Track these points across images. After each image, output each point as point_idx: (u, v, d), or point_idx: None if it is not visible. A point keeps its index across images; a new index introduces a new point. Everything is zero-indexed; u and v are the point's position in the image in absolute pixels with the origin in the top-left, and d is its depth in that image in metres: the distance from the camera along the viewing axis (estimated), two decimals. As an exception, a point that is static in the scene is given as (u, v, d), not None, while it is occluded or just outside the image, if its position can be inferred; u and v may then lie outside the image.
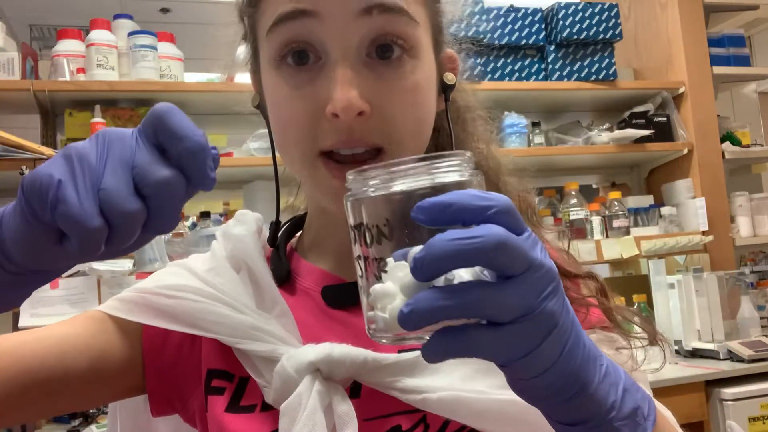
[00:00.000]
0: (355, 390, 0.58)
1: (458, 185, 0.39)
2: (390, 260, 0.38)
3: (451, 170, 0.39)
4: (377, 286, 0.38)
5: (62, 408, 0.62)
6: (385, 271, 0.38)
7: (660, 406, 0.55)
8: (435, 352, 0.37)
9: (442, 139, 0.68)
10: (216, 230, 0.72)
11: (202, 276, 0.63)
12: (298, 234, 0.72)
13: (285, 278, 0.66)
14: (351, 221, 0.41)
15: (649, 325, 0.64)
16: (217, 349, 0.62)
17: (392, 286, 0.38)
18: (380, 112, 0.55)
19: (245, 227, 0.67)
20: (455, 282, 0.37)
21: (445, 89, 0.64)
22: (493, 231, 0.35)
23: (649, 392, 0.56)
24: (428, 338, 0.37)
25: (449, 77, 0.64)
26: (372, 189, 0.39)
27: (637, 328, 0.64)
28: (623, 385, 0.42)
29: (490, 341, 0.36)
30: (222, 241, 0.68)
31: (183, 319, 0.60)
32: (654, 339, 0.63)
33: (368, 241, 0.39)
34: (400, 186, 0.39)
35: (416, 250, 0.36)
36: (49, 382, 0.59)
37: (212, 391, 0.61)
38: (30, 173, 0.39)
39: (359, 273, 0.41)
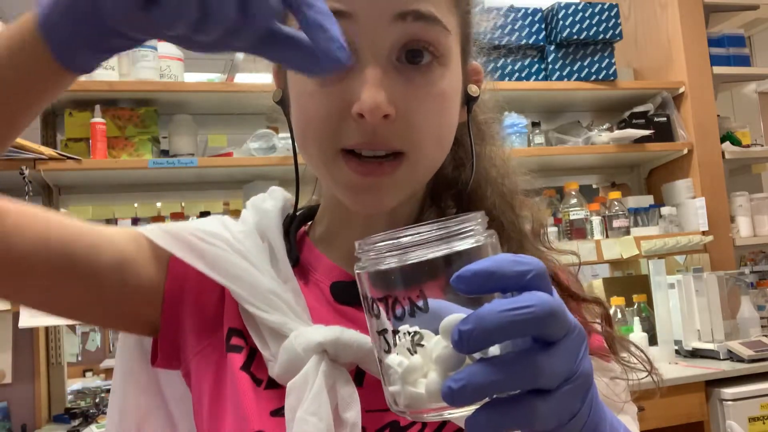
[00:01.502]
0: (358, 379, 0.59)
1: (481, 249, 0.38)
2: (426, 332, 0.37)
3: (470, 234, 0.38)
4: (409, 358, 0.37)
5: (84, 300, 0.61)
6: (422, 345, 0.37)
7: None
8: (487, 426, 0.36)
9: (461, 152, 0.67)
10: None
11: (234, 233, 0.64)
12: (310, 223, 0.73)
13: (294, 263, 0.66)
14: (371, 294, 0.39)
15: (647, 358, 0.64)
16: (235, 310, 0.63)
17: (428, 360, 0.36)
18: (405, 116, 0.55)
19: (273, 202, 0.69)
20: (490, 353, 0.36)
21: (468, 101, 0.65)
22: (542, 300, 0.35)
23: (636, 428, 0.58)
24: (474, 411, 0.36)
25: (473, 89, 0.65)
26: (392, 260, 0.38)
27: (633, 360, 0.64)
28: (613, 421, 0.44)
29: (543, 410, 0.36)
30: (251, 211, 0.69)
31: (209, 262, 0.61)
32: (650, 372, 0.64)
33: (399, 314, 0.37)
34: (426, 254, 0.37)
35: (452, 320, 0.35)
36: (77, 261, 0.59)
37: (232, 349, 0.62)
38: None
39: (384, 348, 0.38)
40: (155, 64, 2.34)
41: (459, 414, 0.36)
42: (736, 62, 3.12)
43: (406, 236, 0.37)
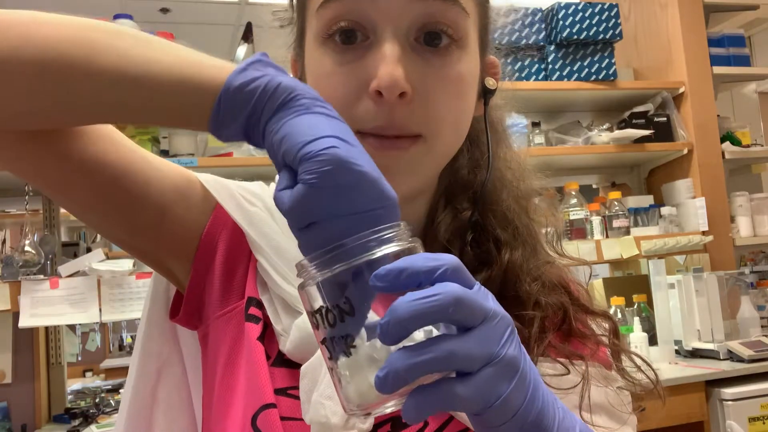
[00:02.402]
0: None
1: (404, 253, 0.40)
2: (362, 334, 0.40)
3: (390, 241, 0.41)
4: (347, 360, 0.40)
5: (116, 220, 0.62)
6: (354, 346, 0.40)
7: None
8: (416, 411, 0.38)
9: (478, 153, 0.67)
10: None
11: (270, 199, 0.64)
12: None
13: None
14: (309, 308, 0.42)
15: (652, 372, 0.64)
16: (256, 281, 0.63)
17: (363, 358, 0.39)
18: (423, 98, 0.55)
19: None
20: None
21: (485, 93, 0.64)
22: (448, 288, 0.37)
23: None
24: (406, 399, 0.38)
25: (491, 82, 0.64)
26: (323, 272, 0.40)
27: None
28: (579, 429, 0.45)
29: (464, 391, 0.38)
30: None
31: (248, 219, 0.62)
32: (656, 386, 0.64)
33: (331, 321, 0.40)
34: (351, 263, 0.40)
35: (376, 318, 0.38)
36: (125, 192, 0.59)
37: (250, 318, 0.61)
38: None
39: (327, 355, 0.41)
40: (155, 64, 2.34)
41: (396, 406, 0.39)
42: (736, 62, 3.12)
43: (328, 252, 0.40)
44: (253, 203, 0.64)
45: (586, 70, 2.85)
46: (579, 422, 0.45)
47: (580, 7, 2.81)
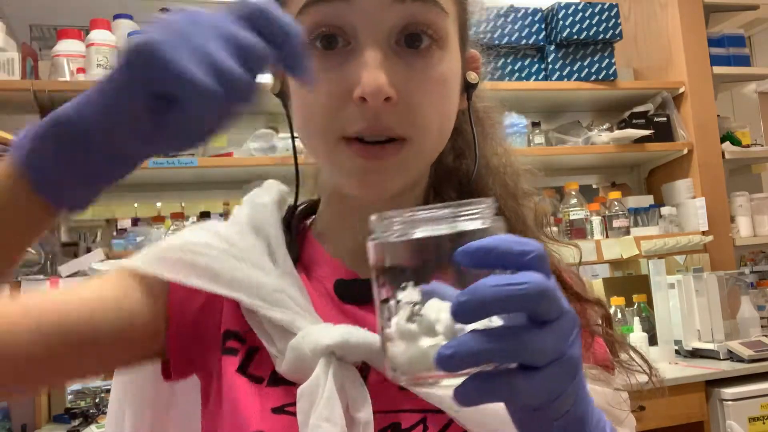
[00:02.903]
0: (362, 377, 0.58)
1: (487, 231, 0.40)
2: (428, 303, 0.39)
3: (478, 216, 0.40)
4: (406, 326, 0.39)
5: (87, 370, 0.61)
6: (420, 315, 0.38)
7: None
8: (474, 396, 0.37)
9: (461, 141, 0.68)
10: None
11: (225, 236, 0.63)
12: (313, 218, 0.72)
13: (295, 259, 0.65)
14: (378, 263, 0.41)
15: (646, 362, 0.65)
16: (234, 312, 0.62)
17: (424, 328, 0.38)
18: (407, 100, 0.55)
19: (269, 196, 0.68)
20: (491, 326, 0.37)
21: (467, 88, 0.65)
22: (535, 279, 0.37)
23: None
24: (462, 381, 0.37)
25: (472, 76, 0.65)
26: (403, 234, 0.40)
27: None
28: (609, 427, 0.46)
29: (529, 386, 0.37)
30: (245, 207, 0.68)
31: (206, 275, 0.60)
32: (650, 375, 0.64)
33: (402, 285, 0.39)
34: (435, 231, 0.39)
35: (451, 292, 0.37)
36: (77, 342, 0.57)
37: (227, 352, 0.61)
38: (129, 40, 0.39)
39: (385, 315, 0.40)
40: (155, 64, 2.34)
41: (452, 383, 0.38)
42: (736, 62, 3.12)
43: (418, 214, 0.40)
44: (207, 253, 0.61)
45: (586, 70, 2.85)
46: (607, 425, 0.46)
47: (580, 7, 2.81)
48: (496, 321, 0.38)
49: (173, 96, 0.39)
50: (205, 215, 2.48)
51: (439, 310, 0.38)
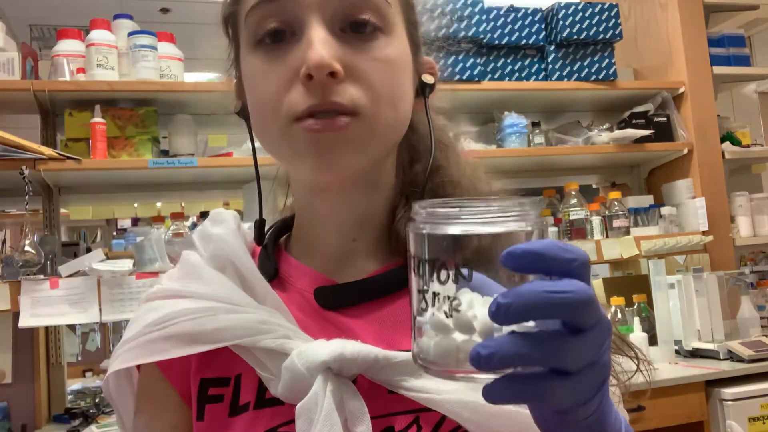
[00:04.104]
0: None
1: (532, 234, 0.39)
2: (466, 299, 0.39)
3: (523, 217, 0.40)
4: (442, 319, 0.39)
5: None
6: (458, 311, 0.38)
7: None
8: (502, 396, 0.37)
9: (416, 140, 0.68)
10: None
11: (192, 291, 0.61)
12: (286, 235, 0.72)
13: (273, 276, 0.65)
14: (420, 253, 0.40)
15: (635, 353, 0.64)
16: (207, 356, 0.61)
17: (460, 324, 0.38)
18: (353, 76, 0.56)
19: (224, 226, 0.66)
20: (528, 329, 0.38)
21: (423, 89, 0.65)
22: (580, 288, 0.37)
23: None
24: (493, 380, 0.37)
25: (428, 78, 0.65)
26: (447, 226, 0.39)
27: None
28: (625, 427, 0.46)
29: (560, 389, 0.38)
30: (201, 244, 0.66)
31: (185, 341, 0.58)
32: (638, 367, 0.64)
33: (443, 279, 0.39)
34: (480, 228, 0.39)
35: (492, 292, 0.37)
36: None
37: (210, 400, 0.60)
38: None
39: (421, 305, 0.40)
40: (155, 64, 2.34)
41: (483, 379, 0.38)
42: (736, 62, 3.12)
43: (464, 206, 0.39)
44: (176, 321, 0.59)
45: (586, 70, 2.85)
46: (622, 419, 0.47)
47: (580, 7, 2.81)
48: (530, 323, 0.38)
49: None
50: (204, 215, 2.48)
51: (474, 305, 0.38)
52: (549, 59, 2.84)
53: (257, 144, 0.69)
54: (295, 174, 0.67)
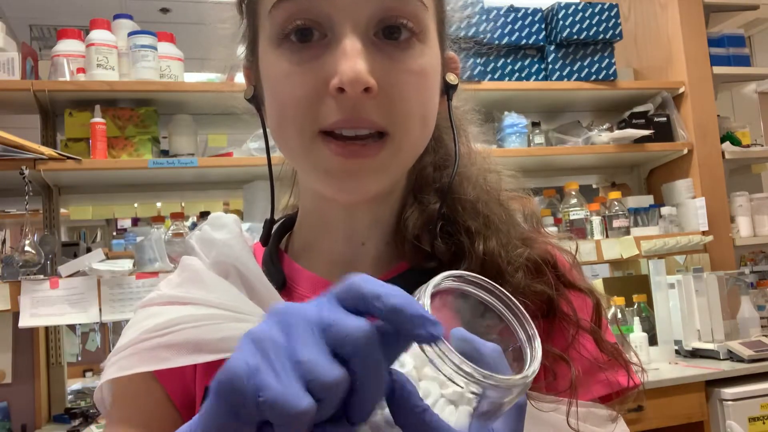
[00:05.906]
0: None
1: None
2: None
3: (514, 392, 0.37)
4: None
5: None
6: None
7: None
8: None
9: (441, 152, 0.66)
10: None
11: (189, 298, 0.59)
12: (288, 234, 0.70)
13: (282, 285, 0.62)
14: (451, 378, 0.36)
15: (626, 358, 0.62)
16: (212, 364, 0.58)
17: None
18: (387, 92, 0.53)
19: (226, 230, 0.64)
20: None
21: (447, 89, 0.63)
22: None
23: None
24: None
25: (452, 77, 0.63)
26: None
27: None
28: None
29: None
30: (201, 249, 0.64)
31: (189, 350, 0.55)
32: (630, 373, 0.61)
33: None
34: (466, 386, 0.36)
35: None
36: None
37: None
38: (222, 369, 0.34)
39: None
40: (155, 64, 2.34)
41: None
42: (736, 62, 3.12)
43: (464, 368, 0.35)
44: (179, 329, 0.56)
45: (586, 70, 2.85)
46: None
47: (580, 7, 2.81)
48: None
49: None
50: (205, 215, 2.48)
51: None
52: (549, 59, 2.84)
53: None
54: (307, 182, 0.64)
